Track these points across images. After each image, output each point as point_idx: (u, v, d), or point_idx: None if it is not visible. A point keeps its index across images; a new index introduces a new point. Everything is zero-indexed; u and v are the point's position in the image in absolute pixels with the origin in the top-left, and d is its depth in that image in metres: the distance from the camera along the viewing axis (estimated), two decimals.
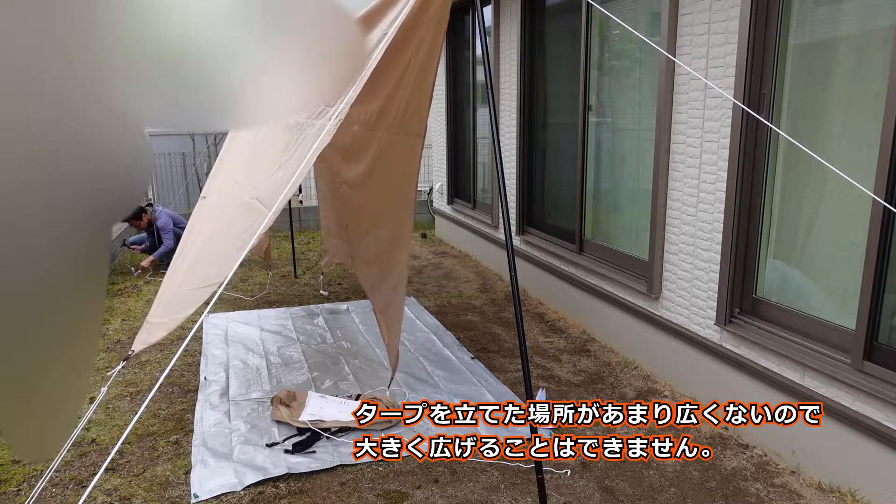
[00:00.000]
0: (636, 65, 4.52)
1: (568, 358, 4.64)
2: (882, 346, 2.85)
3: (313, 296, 6.22)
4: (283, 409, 3.70)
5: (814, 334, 3.19)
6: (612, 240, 4.89)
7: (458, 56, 7.99)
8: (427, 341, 4.95)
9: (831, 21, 3.11)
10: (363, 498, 3.00)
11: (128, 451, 3.42)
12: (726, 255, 3.55)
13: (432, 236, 9.10)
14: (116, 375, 4.35)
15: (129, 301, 5.99)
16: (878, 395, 2.77)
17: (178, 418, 3.77)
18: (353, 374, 4.35)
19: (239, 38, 0.84)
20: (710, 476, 3.16)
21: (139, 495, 3.04)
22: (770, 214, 3.44)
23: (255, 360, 4.58)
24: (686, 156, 3.81)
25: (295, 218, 9.69)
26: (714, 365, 3.71)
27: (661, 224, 4.07)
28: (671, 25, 3.79)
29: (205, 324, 5.31)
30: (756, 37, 3.27)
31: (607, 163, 4.89)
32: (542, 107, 5.82)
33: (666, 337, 4.12)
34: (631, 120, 4.56)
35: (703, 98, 3.64)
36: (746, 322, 3.52)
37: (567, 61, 5.25)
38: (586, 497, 3.00)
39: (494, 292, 6.29)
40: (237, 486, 3.06)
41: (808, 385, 3.12)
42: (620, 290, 4.59)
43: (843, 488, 2.96)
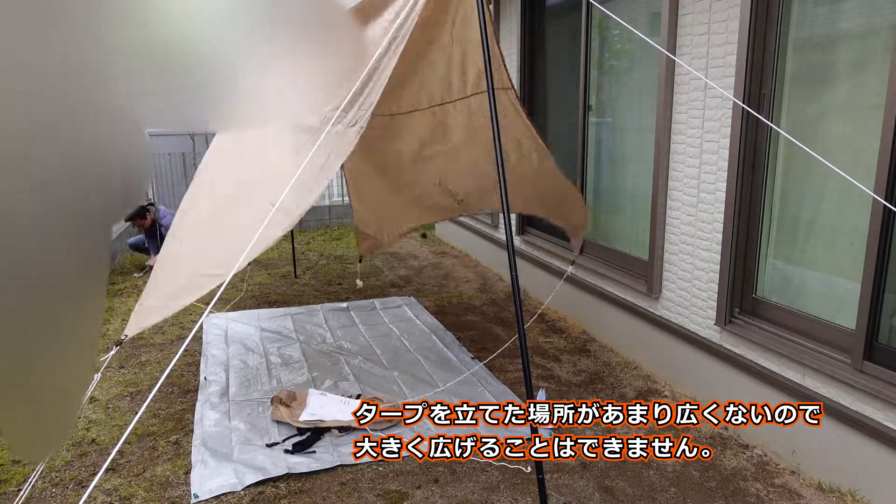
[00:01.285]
0: (636, 65, 4.52)
1: (568, 358, 4.64)
2: (882, 346, 2.85)
3: (313, 296, 6.22)
4: (283, 408, 3.70)
5: (814, 334, 3.19)
6: (612, 240, 4.88)
7: None
8: (427, 341, 4.95)
9: (831, 21, 3.11)
10: (363, 498, 3.00)
11: (128, 451, 3.42)
12: (726, 255, 3.55)
13: (432, 236, 9.10)
14: (117, 375, 4.35)
15: (129, 301, 5.99)
16: (878, 395, 2.77)
17: (178, 418, 3.77)
18: (353, 374, 4.35)
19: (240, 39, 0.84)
20: (710, 476, 3.16)
21: (139, 495, 3.04)
22: (770, 214, 3.44)
23: (255, 360, 4.58)
24: (686, 156, 3.81)
25: None
26: (714, 365, 3.71)
27: (660, 224, 4.07)
28: (671, 25, 3.79)
29: (205, 324, 5.31)
30: (756, 37, 3.27)
31: (607, 163, 4.89)
32: (543, 106, 5.82)
33: (666, 337, 4.12)
34: (631, 120, 4.56)
35: (703, 98, 3.64)
36: (746, 322, 3.52)
37: (567, 61, 5.25)
38: (586, 497, 3.00)
39: (494, 292, 6.29)
40: (237, 486, 3.06)
41: (808, 385, 3.12)
42: (620, 290, 4.59)
43: (843, 488, 2.96)
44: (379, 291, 6.33)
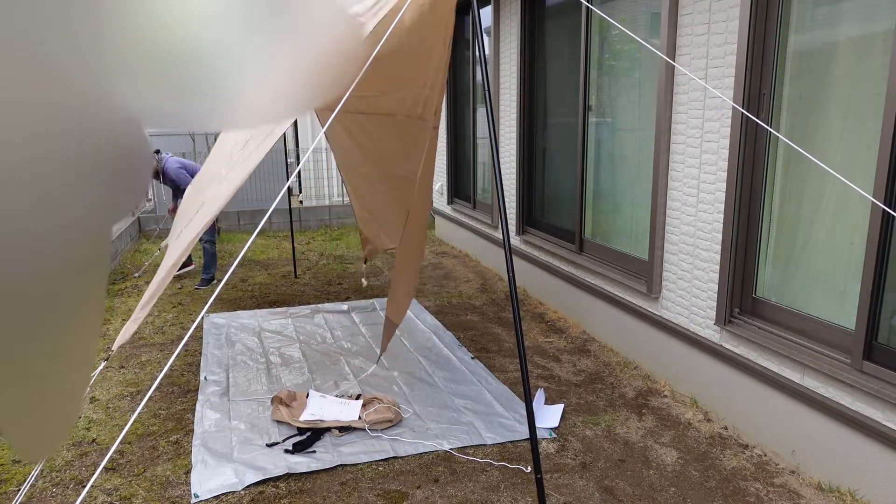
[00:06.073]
0: (636, 65, 4.52)
1: (568, 358, 4.64)
2: (881, 345, 2.86)
3: (313, 296, 6.22)
4: (283, 408, 3.71)
5: (813, 334, 3.19)
6: (611, 240, 4.89)
7: (458, 56, 7.99)
8: (427, 341, 4.95)
9: (831, 21, 3.11)
10: (363, 498, 3.00)
11: (128, 450, 3.42)
12: (726, 255, 3.56)
13: (432, 236, 9.10)
14: (117, 375, 4.35)
15: (129, 301, 5.99)
16: (877, 394, 2.77)
17: (178, 418, 3.77)
18: (353, 374, 4.36)
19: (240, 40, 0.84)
20: (709, 476, 3.17)
21: (139, 495, 3.04)
22: (770, 214, 3.45)
23: (255, 360, 4.59)
24: (686, 156, 3.82)
25: (295, 218, 9.70)
26: (714, 365, 3.71)
27: (660, 224, 4.07)
28: (671, 25, 3.79)
29: (205, 324, 5.31)
30: (756, 37, 3.27)
31: (607, 163, 4.89)
32: (543, 107, 5.82)
33: (666, 337, 4.12)
34: (631, 120, 4.56)
35: (702, 98, 3.64)
36: (746, 322, 3.52)
37: (567, 61, 5.26)
38: (586, 497, 3.01)
39: (494, 292, 6.29)
40: (237, 486, 3.06)
41: (807, 385, 3.12)
42: (620, 289, 4.59)
43: (843, 488, 2.97)
44: (379, 291, 6.33)
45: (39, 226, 0.70)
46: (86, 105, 0.73)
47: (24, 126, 0.65)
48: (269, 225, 9.64)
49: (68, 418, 0.99)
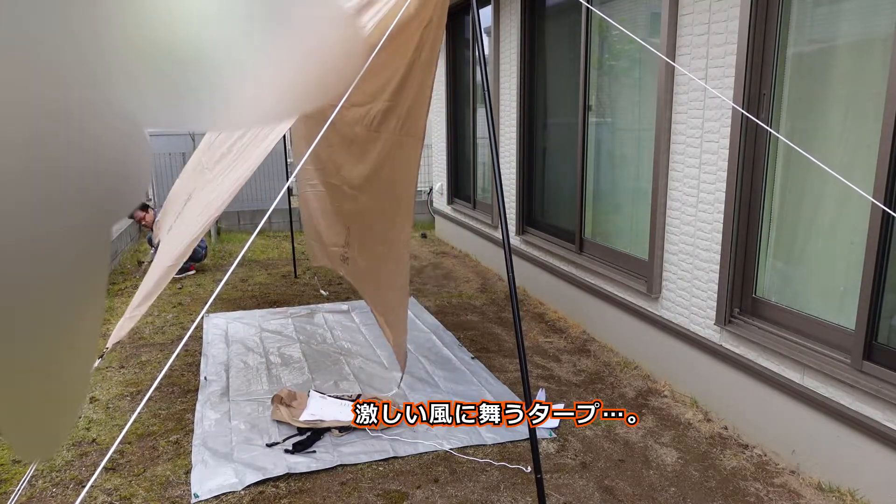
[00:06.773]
0: (636, 65, 4.52)
1: (568, 358, 4.64)
2: (881, 345, 2.85)
3: (313, 296, 6.22)
4: (283, 408, 3.71)
5: (813, 334, 3.19)
6: (611, 240, 4.89)
7: (458, 56, 7.99)
8: (427, 341, 4.95)
9: (831, 21, 3.11)
10: (363, 498, 3.00)
11: (128, 450, 3.42)
12: (726, 255, 3.56)
13: (432, 236, 9.10)
14: (117, 375, 4.35)
15: (129, 301, 5.99)
16: (877, 394, 2.77)
17: (178, 418, 3.77)
18: (353, 374, 4.35)
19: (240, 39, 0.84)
20: (709, 476, 3.16)
21: (139, 495, 3.04)
22: (770, 214, 3.45)
23: (255, 360, 4.59)
24: (686, 156, 3.82)
25: (295, 218, 9.69)
26: (714, 365, 3.71)
27: (660, 224, 4.07)
28: (671, 25, 3.79)
29: (205, 323, 5.31)
30: (756, 37, 3.27)
31: (607, 163, 4.89)
32: (542, 107, 5.82)
33: (666, 337, 4.12)
34: (631, 120, 4.56)
35: (702, 98, 3.64)
36: (746, 322, 3.52)
37: (567, 61, 5.25)
38: (586, 497, 3.01)
39: (494, 292, 6.29)
40: (237, 486, 3.06)
41: (807, 385, 3.12)
42: (620, 289, 4.59)
43: (843, 488, 2.97)
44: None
45: (39, 226, 0.70)
46: (85, 105, 0.73)
47: (24, 126, 0.65)
48: (269, 225, 9.64)
49: (68, 418, 0.99)
